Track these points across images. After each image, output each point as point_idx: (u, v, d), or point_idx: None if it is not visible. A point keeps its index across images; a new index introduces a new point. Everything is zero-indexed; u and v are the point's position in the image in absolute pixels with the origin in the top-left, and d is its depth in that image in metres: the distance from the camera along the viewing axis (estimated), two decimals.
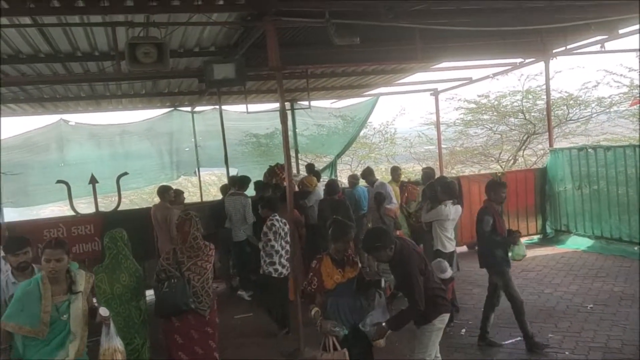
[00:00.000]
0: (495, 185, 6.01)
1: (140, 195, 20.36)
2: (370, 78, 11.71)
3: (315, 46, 7.40)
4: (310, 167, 11.41)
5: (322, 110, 14.52)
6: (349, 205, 8.29)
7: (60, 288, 3.64)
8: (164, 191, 8.80)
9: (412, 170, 19.49)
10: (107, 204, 13.71)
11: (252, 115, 13.32)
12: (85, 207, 11.12)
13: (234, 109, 13.26)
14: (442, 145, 15.78)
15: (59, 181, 9.47)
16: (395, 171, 10.03)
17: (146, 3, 5.02)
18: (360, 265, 4.42)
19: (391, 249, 4.04)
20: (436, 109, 14.52)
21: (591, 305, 6.93)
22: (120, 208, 9.77)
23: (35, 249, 8.33)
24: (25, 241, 4.60)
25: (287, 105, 13.65)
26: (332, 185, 8.65)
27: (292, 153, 14.29)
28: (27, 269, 4.48)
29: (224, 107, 12.98)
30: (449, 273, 5.94)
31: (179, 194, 9.40)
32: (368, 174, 9.54)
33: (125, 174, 9.52)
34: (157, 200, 9.18)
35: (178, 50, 7.22)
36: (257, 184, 9.47)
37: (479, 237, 5.97)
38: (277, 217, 6.64)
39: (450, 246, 6.82)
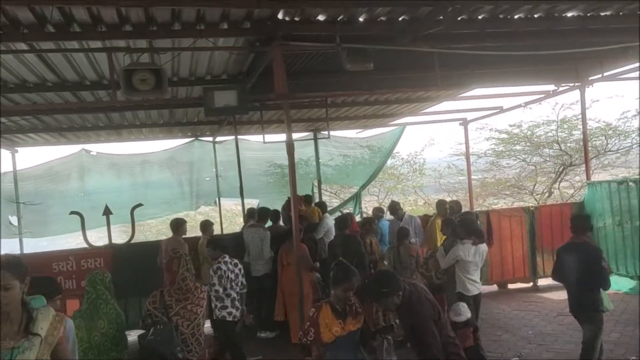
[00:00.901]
0: (584, 219, 5.42)
1: (157, 227, 20.27)
2: (395, 107, 11.31)
3: (331, 74, 7.05)
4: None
5: (346, 140, 14.16)
6: (361, 242, 7.81)
7: (9, 329, 2.63)
8: (177, 224, 8.48)
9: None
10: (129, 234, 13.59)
11: (274, 145, 13.00)
12: (105, 238, 10.94)
13: (255, 139, 13.04)
14: (473, 177, 15.15)
15: (72, 212, 9.27)
16: (441, 205, 9.13)
17: (146, 28, 4.77)
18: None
19: (399, 296, 3.56)
20: (465, 139, 13.95)
21: (634, 358, 6.19)
22: (134, 240, 9.50)
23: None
24: None
25: (308, 134, 13.40)
26: (342, 220, 8.19)
27: (316, 183, 14.01)
28: None
29: (245, 137, 12.87)
30: (464, 317, 5.37)
31: (209, 224, 8.92)
32: (395, 208, 9.02)
33: (140, 205, 9.24)
34: (157, 229, 8.93)
35: (189, 79, 6.99)
36: (273, 212, 9.05)
37: (589, 277, 5.12)
38: (227, 259, 6.13)
39: (473, 288, 6.23)
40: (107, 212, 9.02)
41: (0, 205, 10.37)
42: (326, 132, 13.37)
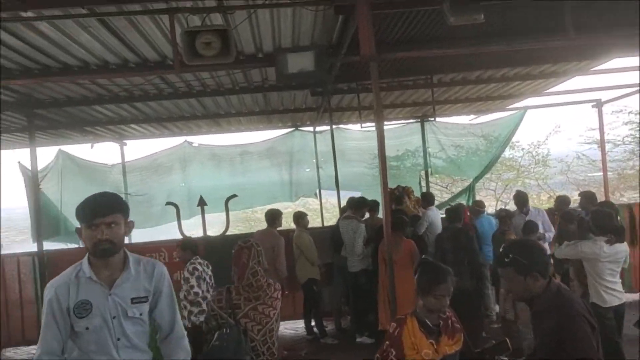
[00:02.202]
0: None
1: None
2: (514, 86, 9.91)
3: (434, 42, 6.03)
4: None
5: (457, 128, 12.86)
6: (474, 236, 6.71)
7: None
8: (273, 216, 7.92)
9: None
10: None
11: (376, 134, 12.17)
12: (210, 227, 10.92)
13: (356, 128, 12.25)
14: (608, 168, 13.14)
15: (168, 203, 9.11)
16: (562, 202, 7.84)
17: None
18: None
19: (536, 279, 2.48)
20: (600, 124, 12.00)
21: None
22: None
23: None
24: None
25: (414, 121, 12.33)
26: (455, 211, 7.13)
27: (424, 175, 12.92)
28: None
29: (345, 126, 12.16)
30: None
31: (302, 216, 8.39)
32: (523, 199, 7.74)
33: (234, 196, 8.83)
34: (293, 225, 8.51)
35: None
36: (372, 203, 8.19)
37: None
38: (200, 259, 5.63)
39: (612, 298, 4.93)
40: (201, 203, 8.70)
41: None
42: (435, 120, 12.27)
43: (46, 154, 12.47)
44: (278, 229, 7.97)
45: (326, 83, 7.19)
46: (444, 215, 8.43)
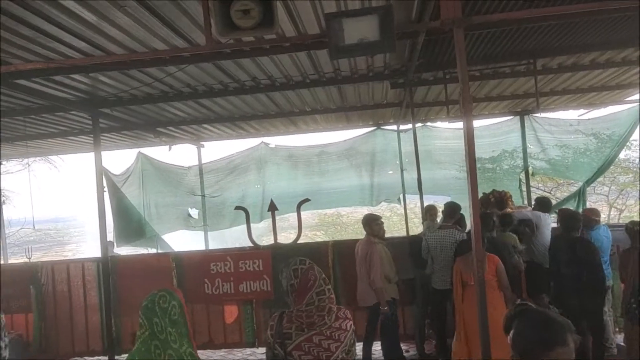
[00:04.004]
0: None
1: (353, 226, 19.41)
2: (636, 72, 8.29)
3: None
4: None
5: (563, 124, 11.24)
6: (597, 249, 5.42)
7: None
8: (368, 222, 6.62)
9: None
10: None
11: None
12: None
13: (445, 126, 11.08)
14: None
15: (237, 207, 8.55)
16: None
17: None
18: None
19: None
20: None
21: None
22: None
23: (202, 285, 7.55)
24: None
25: (512, 118, 10.92)
26: (571, 217, 5.85)
27: (524, 178, 11.46)
28: None
29: (432, 123, 11.05)
30: None
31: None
32: None
33: (307, 200, 8.07)
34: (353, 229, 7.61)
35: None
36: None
37: None
38: None
39: None
40: (272, 207, 8.02)
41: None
42: (537, 115, 10.81)
43: (129, 157, 12.50)
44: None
45: (403, 70, 6.17)
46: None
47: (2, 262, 12.32)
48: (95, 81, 6.40)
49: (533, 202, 8.76)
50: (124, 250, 10.65)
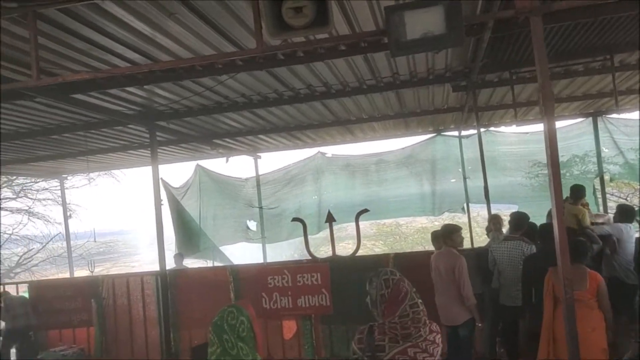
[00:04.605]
0: None
1: (413, 236, 18.88)
2: None
3: None
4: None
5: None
6: None
7: None
8: (449, 232, 6.02)
9: None
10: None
11: (536, 137, 10.30)
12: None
13: (511, 130, 10.50)
14: None
15: (294, 219, 8.33)
16: None
17: None
18: None
19: None
20: None
21: None
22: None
23: (260, 299, 7.36)
24: None
25: (584, 120, 10.20)
26: None
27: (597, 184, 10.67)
28: None
29: (496, 128, 10.49)
30: None
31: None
32: None
33: (366, 211, 7.74)
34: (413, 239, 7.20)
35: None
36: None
37: None
38: None
39: None
40: (330, 219, 7.75)
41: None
42: (612, 116, 10.05)
43: (188, 170, 12.63)
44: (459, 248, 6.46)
45: (469, 73, 5.76)
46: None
47: (68, 274, 12.70)
48: (151, 94, 6.38)
49: (611, 210, 8.08)
50: (188, 262, 10.68)
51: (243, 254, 12.03)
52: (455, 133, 10.70)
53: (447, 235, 5.93)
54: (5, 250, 16.98)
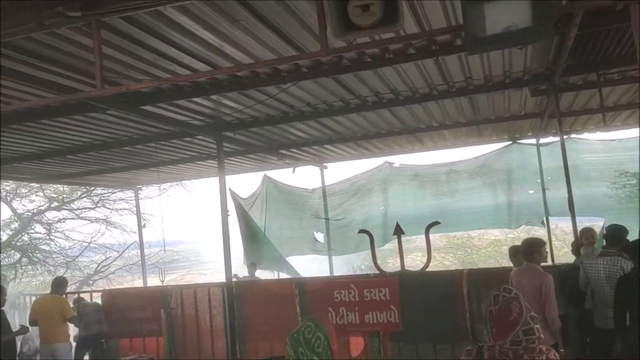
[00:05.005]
0: None
1: (485, 249, 18.04)
2: None
3: None
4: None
5: None
6: None
7: None
8: (532, 247, 5.42)
9: None
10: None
11: (624, 144, 9.51)
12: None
13: (596, 137, 9.75)
14: None
15: (361, 231, 8.08)
16: None
17: None
18: None
19: None
20: None
21: None
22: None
23: (326, 312, 7.15)
24: None
25: None
26: None
27: None
28: None
29: (578, 135, 9.78)
30: None
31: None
32: None
33: (436, 223, 7.36)
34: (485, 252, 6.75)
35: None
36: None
37: None
38: None
39: None
40: (398, 231, 7.43)
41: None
42: None
43: (256, 180, 12.69)
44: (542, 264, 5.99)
45: (552, 73, 5.31)
46: None
47: (142, 282, 13.05)
48: (217, 104, 6.36)
49: None
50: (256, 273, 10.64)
51: (308, 265, 11.88)
52: (533, 141, 10.07)
53: (532, 251, 5.38)
54: (84, 257, 17.78)
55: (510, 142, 10.19)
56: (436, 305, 6.59)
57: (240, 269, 10.41)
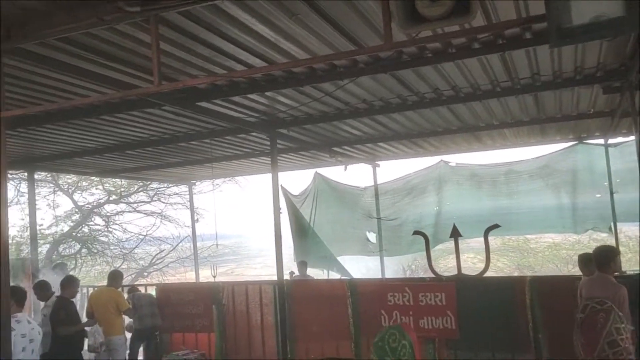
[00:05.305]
0: None
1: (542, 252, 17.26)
2: None
3: None
4: None
5: None
6: None
7: None
8: (604, 255, 4.99)
9: None
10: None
11: None
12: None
13: None
14: None
15: (416, 232, 7.86)
16: None
17: None
18: None
19: None
20: None
21: None
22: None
23: (379, 317, 6.96)
24: None
25: None
26: None
27: None
28: None
29: None
30: None
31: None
32: None
33: (496, 226, 7.05)
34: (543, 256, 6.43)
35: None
36: None
37: None
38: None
39: None
40: (455, 234, 7.18)
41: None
42: None
43: (307, 177, 12.63)
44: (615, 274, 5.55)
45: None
46: None
47: (194, 274, 13.24)
48: (272, 101, 6.28)
49: None
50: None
51: (357, 264, 11.69)
52: (601, 141, 9.52)
53: (607, 260, 4.96)
54: (139, 250, 18.26)
55: (576, 142, 9.67)
56: (496, 312, 6.29)
57: (291, 267, 10.37)
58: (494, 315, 6.28)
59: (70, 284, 6.78)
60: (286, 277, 8.42)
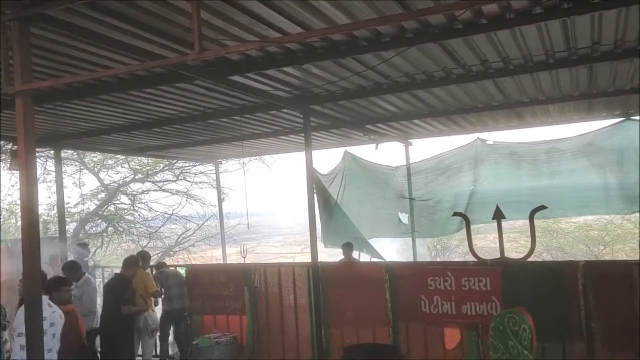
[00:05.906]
0: None
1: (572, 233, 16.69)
2: None
3: None
4: None
5: None
6: None
7: None
8: None
9: None
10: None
11: None
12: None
13: None
14: None
15: (456, 214, 7.50)
16: None
17: None
18: None
19: None
20: None
21: None
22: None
23: (418, 302, 6.66)
24: None
25: None
26: None
27: None
28: None
29: None
30: None
31: None
32: None
33: (543, 207, 6.68)
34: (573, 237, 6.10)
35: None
36: None
37: None
38: None
39: None
40: (498, 215, 6.81)
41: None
42: None
43: (335, 156, 12.29)
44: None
45: None
46: None
47: (221, 252, 13.09)
48: (307, 74, 5.92)
49: None
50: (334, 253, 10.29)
51: (386, 245, 11.35)
52: None
53: None
54: (165, 228, 18.21)
55: (623, 118, 9.14)
56: (545, 299, 5.94)
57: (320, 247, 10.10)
58: (543, 302, 5.92)
59: (132, 263, 6.83)
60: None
